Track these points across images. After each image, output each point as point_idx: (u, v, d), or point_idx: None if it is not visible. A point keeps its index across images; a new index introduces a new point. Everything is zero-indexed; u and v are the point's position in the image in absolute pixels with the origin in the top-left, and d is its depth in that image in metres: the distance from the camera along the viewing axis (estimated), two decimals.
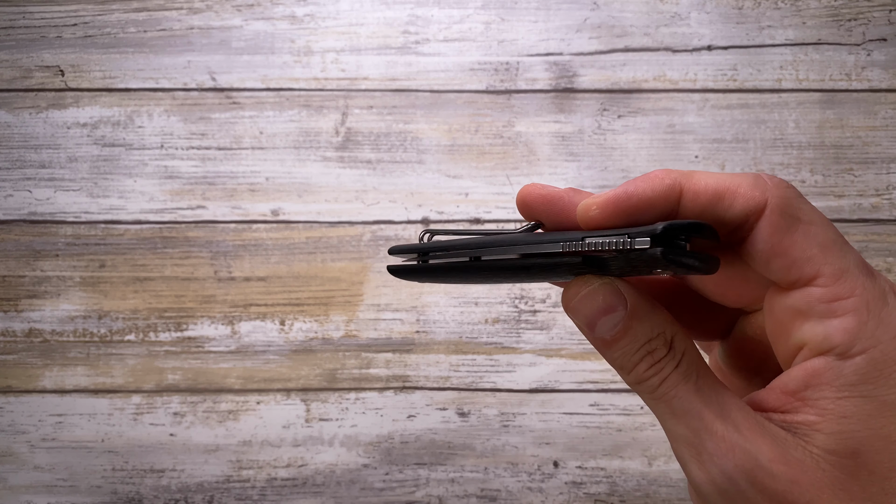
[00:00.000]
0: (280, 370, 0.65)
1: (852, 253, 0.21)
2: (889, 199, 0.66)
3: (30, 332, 0.66)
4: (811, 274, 0.21)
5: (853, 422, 0.20)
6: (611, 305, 0.22)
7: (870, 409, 0.20)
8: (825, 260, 0.21)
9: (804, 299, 0.21)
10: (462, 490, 0.64)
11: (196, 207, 0.66)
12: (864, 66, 0.67)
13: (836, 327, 0.20)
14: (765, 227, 0.21)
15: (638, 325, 0.22)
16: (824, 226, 0.21)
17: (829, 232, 0.21)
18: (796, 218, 0.21)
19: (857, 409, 0.20)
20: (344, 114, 0.67)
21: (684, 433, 0.21)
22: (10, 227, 0.66)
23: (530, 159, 0.67)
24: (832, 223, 0.22)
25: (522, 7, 0.68)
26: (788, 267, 0.21)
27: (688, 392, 0.21)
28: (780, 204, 0.21)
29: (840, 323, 0.20)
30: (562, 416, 0.65)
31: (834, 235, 0.21)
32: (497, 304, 0.66)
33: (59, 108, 0.67)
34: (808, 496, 0.20)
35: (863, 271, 0.21)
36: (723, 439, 0.20)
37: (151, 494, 0.65)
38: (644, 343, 0.22)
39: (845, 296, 0.21)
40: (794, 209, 0.21)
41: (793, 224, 0.21)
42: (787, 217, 0.21)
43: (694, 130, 0.67)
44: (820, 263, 0.21)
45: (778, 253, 0.21)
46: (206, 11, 0.68)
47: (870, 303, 0.20)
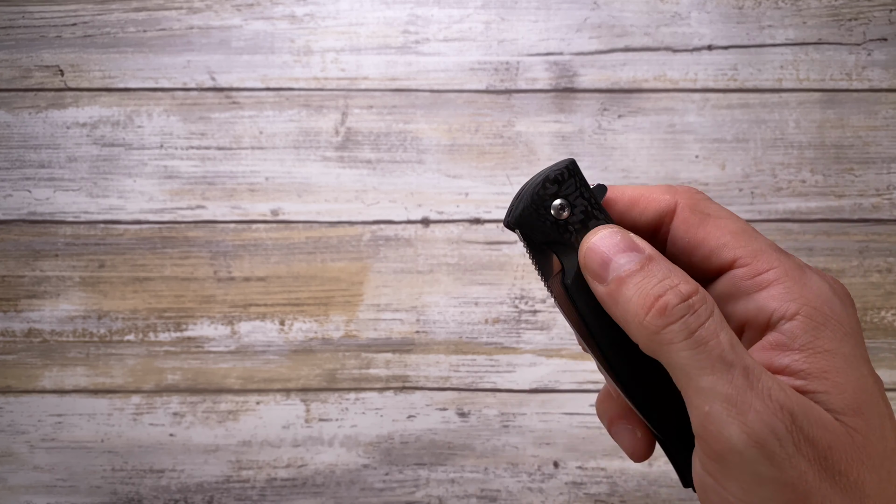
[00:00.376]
0: (280, 370, 0.65)
1: (762, 237, 0.23)
2: (889, 198, 0.66)
3: (29, 333, 0.66)
4: (730, 258, 0.22)
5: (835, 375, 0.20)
6: (630, 245, 0.22)
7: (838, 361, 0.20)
8: (738, 244, 0.22)
9: (730, 282, 0.22)
10: (462, 490, 0.64)
11: (196, 207, 0.66)
12: (864, 65, 0.67)
13: (766, 297, 0.21)
14: (679, 224, 0.23)
15: (657, 262, 0.21)
16: (732, 218, 0.23)
17: (737, 223, 0.23)
18: (705, 213, 0.23)
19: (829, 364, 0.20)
20: (344, 113, 0.67)
21: (725, 389, 0.19)
22: (9, 227, 0.66)
23: (530, 159, 0.67)
24: (735, 216, 0.23)
25: (522, 7, 0.68)
26: (708, 256, 0.23)
27: (728, 340, 0.20)
28: (689, 203, 0.23)
29: (768, 292, 0.21)
30: (562, 416, 0.65)
31: (743, 225, 0.23)
32: (497, 304, 0.66)
33: (59, 107, 0.67)
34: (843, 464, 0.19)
35: (776, 250, 0.22)
36: (770, 397, 0.19)
37: (151, 495, 0.65)
38: (664, 278, 0.21)
39: (765, 269, 0.22)
40: (702, 207, 0.23)
41: (703, 219, 0.23)
42: (696, 213, 0.23)
43: (694, 130, 0.67)
44: (735, 247, 0.22)
45: (695, 245, 0.23)
46: (205, 11, 0.68)
47: (789, 271, 0.21)
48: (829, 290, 0.21)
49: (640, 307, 0.21)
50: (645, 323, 0.21)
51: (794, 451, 0.19)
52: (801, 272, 0.22)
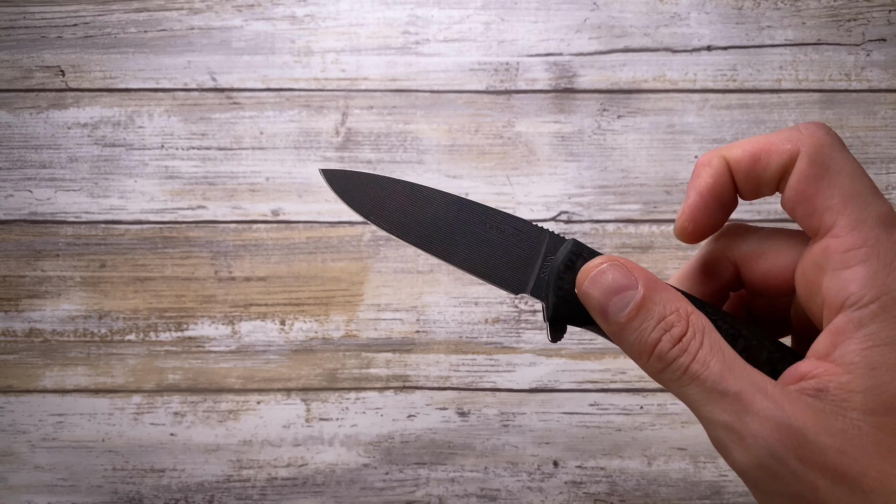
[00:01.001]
0: (280, 370, 0.65)
1: (876, 204, 0.21)
2: (889, 199, 0.67)
3: (30, 332, 0.66)
4: (829, 223, 0.21)
5: (882, 373, 0.20)
6: (621, 284, 0.22)
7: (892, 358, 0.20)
8: (843, 210, 0.21)
9: (822, 252, 0.21)
10: (462, 490, 0.64)
11: (196, 207, 0.66)
12: (863, 66, 0.67)
13: (848, 278, 0.20)
14: (794, 175, 0.22)
15: (651, 303, 0.22)
16: (852, 176, 0.21)
17: (855, 182, 0.21)
18: (825, 167, 0.21)
19: (883, 359, 0.20)
20: (344, 114, 0.67)
21: (723, 417, 0.20)
22: (10, 227, 0.66)
23: (530, 159, 0.67)
24: (866, 173, 0.21)
25: (522, 7, 0.68)
26: (810, 215, 0.21)
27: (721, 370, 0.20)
28: (810, 152, 0.21)
29: (852, 273, 0.20)
30: (562, 415, 0.65)
31: (861, 186, 0.21)
32: (497, 303, 0.66)
33: (60, 108, 0.67)
34: (859, 465, 0.19)
35: (882, 223, 0.20)
36: (767, 418, 0.19)
37: (152, 494, 0.65)
38: (659, 321, 0.21)
39: (857, 246, 0.20)
40: (824, 157, 0.21)
41: (821, 172, 0.21)
42: (815, 165, 0.21)
43: (694, 130, 0.67)
44: (837, 213, 0.21)
45: (802, 200, 0.21)
46: (206, 12, 0.68)
47: (881, 252, 0.20)
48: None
49: (640, 353, 0.22)
50: (647, 367, 0.22)
51: (797, 465, 0.19)
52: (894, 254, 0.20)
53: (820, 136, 0.22)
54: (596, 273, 0.22)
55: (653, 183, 0.67)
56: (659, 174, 0.67)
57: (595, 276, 0.22)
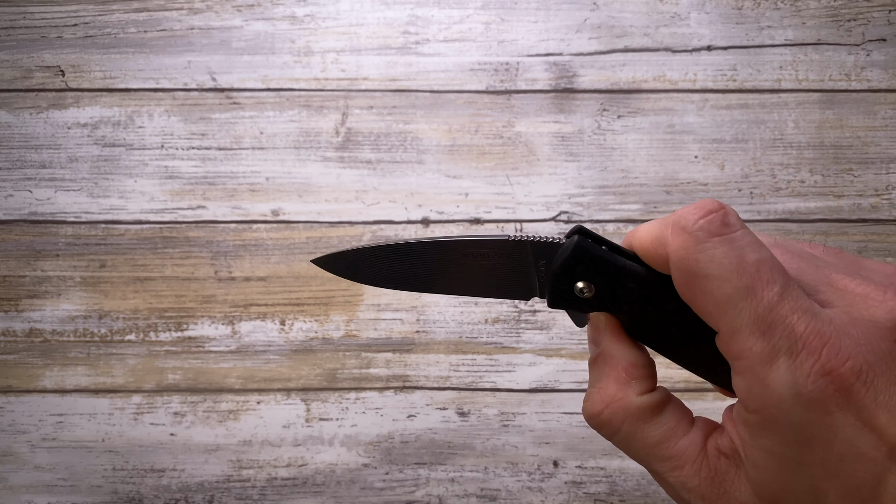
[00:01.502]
0: (280, 370, 0.65)
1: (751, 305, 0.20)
2: (888, 199, 0.67)
3: (30, 332, 0.66)
4: (714, 326, 0.22)
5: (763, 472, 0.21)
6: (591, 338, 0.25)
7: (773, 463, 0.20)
8: (720, 318, 0.21)
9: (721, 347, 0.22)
10: (462, 490, 0.64)
11: (196, 207, 0.66)
12: (863, 66, 0.67)
13: (735, 383, 0.21)
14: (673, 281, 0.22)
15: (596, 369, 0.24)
16: (720, 279, 0.21)
17: (724, 287, 0.21)
18: (693, 273, 0.21)
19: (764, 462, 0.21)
20: (344, 114, 0.67)
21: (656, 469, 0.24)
22: (10, 227, 0.66)
23: (530, 159, 0.67)
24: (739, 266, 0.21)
25: (522, 7, 0.68)
26: (700, 315, 0.22)
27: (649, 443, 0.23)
28: (675, 260, 0.22)
29: (737, 380, 0.21)
30: (561, 415, 0.65)
31: (730, 290, 0.21)
32: (497, 304, 0.66)
33: (60, 108, 0.67)
34: None
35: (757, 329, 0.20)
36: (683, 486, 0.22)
37: (152, 494, 0.65)
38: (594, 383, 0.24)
39: (736, 357, 0.21)
40: (690, 264, 0.21)
41: (690, 280, 0.21)
42: (684, 274, 0.22)
43: (693, 130, 0.67)
44: (716, 320, 0.21)
45: (689, 304, 0.22)
46: (206, 12, 0.68)
47: (755, 367, 0.20)
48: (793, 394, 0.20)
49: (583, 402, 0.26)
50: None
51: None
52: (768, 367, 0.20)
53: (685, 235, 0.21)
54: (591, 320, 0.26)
55: (653, 183, 0.67)
56: (659, 174, 0.67)
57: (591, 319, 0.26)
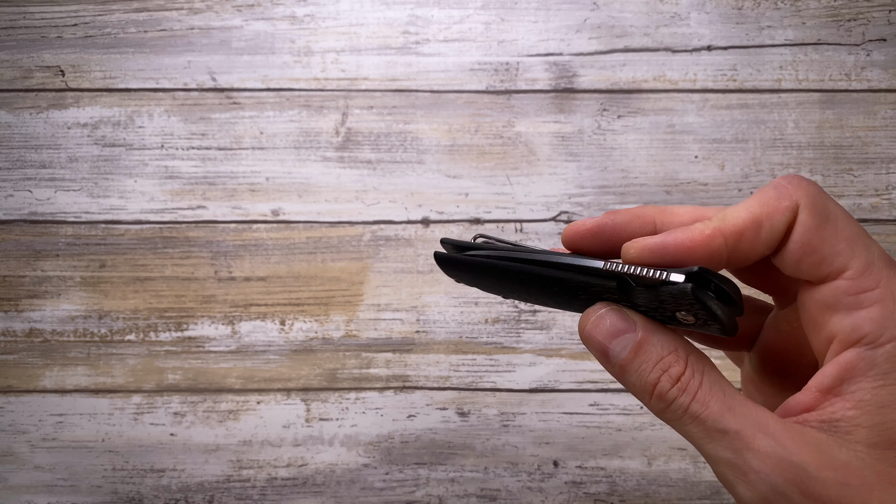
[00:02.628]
0: (280, 370, 0.65)
1: (875, 245, 0.22)
2: (888, 199, 0.67)
3: (30, 332, 0.66)
4: (840, 268, 0.21)
5: (892, 411, 0.20)
6: (620, 328, 0.23)
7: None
8: (852, 254, 0.21)
9: (832, 293, 0.22)
10: (462, 490, 0.64)
11: (196, 207, 0.66)
12: (863, 66, 0.67)
13: (863, 317, 0.21)
14: (799, 228, 0.22)
15: (648, 344, 0.22)
16: (848, 220, 0.22)
17: (853, 226, 0.22)
18: (825, 215, 0.22)
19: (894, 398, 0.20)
20: (344, 114, 0.67)
21: (725, 455, 0.21)
22: (10, 227, 0.66)
23: (530, 159, 0.67)
24: (852, 215, 0.22)
25: (522, 7, 0.68)
26: (818, 263, 0.22)
27: (721, 409, 0.21)
28: (810, 204, 0.22)
29: (867, 313, 0.21)
30: (561, 415, 0.65)
31: (858, 229, 0.22)
32: (497, 303, 0.66)
33: (60, 108, 0.67)
34: (861, 496, 0.20)
35: (886, 263, 0.21)
36: (767, 455, 0.20)
37: (152, 494, 0.65)
38: (658, 361, 0.22)
39: (870, 287, 0.21)
40: (822, 206, 0.22)
41: (822, 222, 0.22)
42: (817, 216, 0.22)
43: (693, 130, 0.67)
44: (847, 258, 0.21)
45: (808, 252, 0.22)
46: (206, 12, 0.68)
47: (895, 293, 0.21)
48: None
49: (641, 392, 0.23)
50: (650, 406, 0.23)
51: (801, 499, 0.20)
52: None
53: (811, 187, 0.22)
54: (596, 318, 0.23)
55: (653, 183, 0.67)
56: (659, 174, 0.67)
57: (595, 320, 0.23)
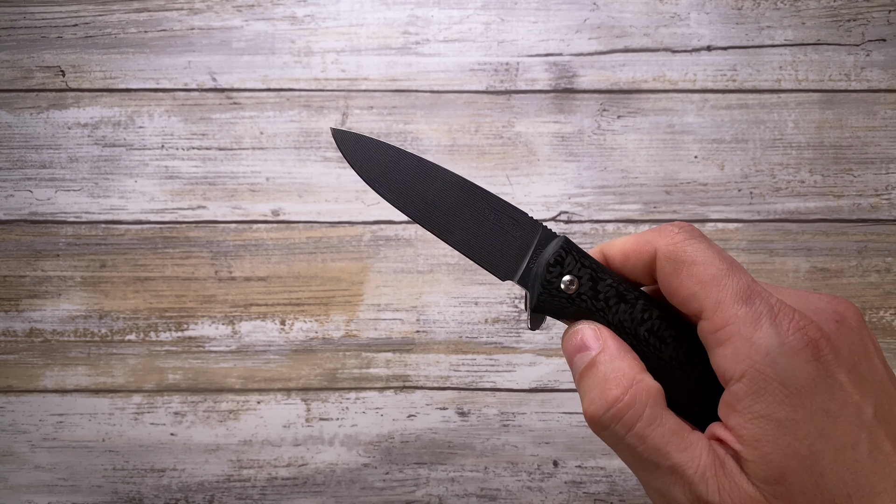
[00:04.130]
0: (280, 370, 0.66)
1: (733, 281, 0.23)
2: (888, 199, 0.67)
3: (31, 332, 0.66)
4: (697, 309, 0.23)
5: (765, 444, 0.21)
6: (583, 345, 0.25)
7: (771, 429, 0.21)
8: (705, 295, 0.23)
9: (701, 335, 0.23)
10: (462, 489, 0.65)
11: (197, 207, 0.67)
12: (863, 66, 0.67)
13: (720, 356, 0.22)
14: (658, 274, 0.24)
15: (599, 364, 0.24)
16: (704, 263, 0.23)
17: (708, 268, 0.23)
18: (680, 261, 0.23)
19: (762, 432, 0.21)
20: (344, 114, 0.67)
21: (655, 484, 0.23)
22: (10, 227, 0.67)
23: (530, 159, 0.67)
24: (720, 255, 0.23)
25: (522, 7, 0.68)
26: (682, 305, 0.24)
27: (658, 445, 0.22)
28: (665, 252, 0.24)
29: (722, 352, 0.22)
30: (561, 415, 0.65)
31: (714, 270, 0.23)
32: (497, 303, 0.66)
33: (60, 108, 0.67)
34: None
35: (739, 299, 0.22)
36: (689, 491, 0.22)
37: (152, 494, 0.65)
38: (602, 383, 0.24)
39: (721, 326, 0.22)
40: (677, 254, 0.24)
41: (677, 267, 0.23)
42: (671, 262, 0.24)
43: (693, 131, 0.67)
44: (701, 299, 0.23)
45: (670, 293, 0.24)
46: (206, 12, 0.68)
47: (741, 329, 0.22)
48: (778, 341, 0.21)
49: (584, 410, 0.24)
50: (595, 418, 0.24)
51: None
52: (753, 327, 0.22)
53: (672, 235, 0.24)
54: (572, 331, 0.25)
55: (652, 183, 0.67)
56: (659, 174, 0.67)
57: (570, 333, 0.25)
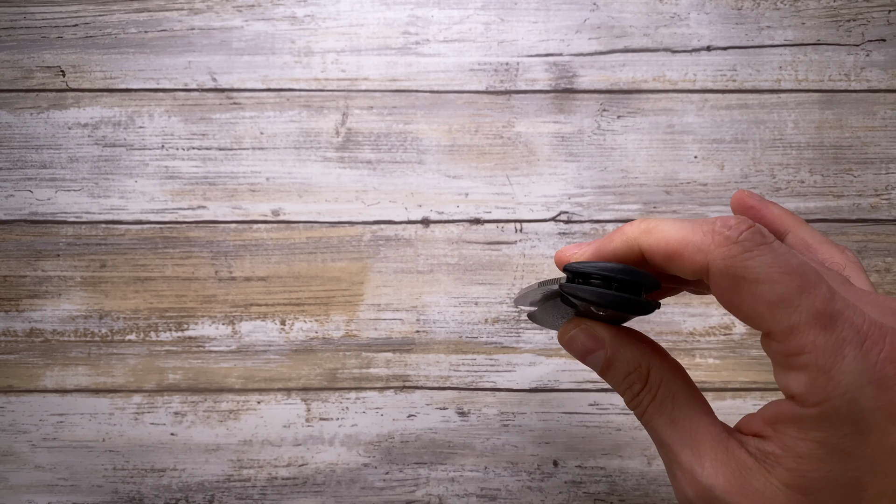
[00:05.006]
0: (280, 370, 0.66)
1: (806, 304, 0.21)
2: (888, 199, 0.67)
3: (31, 332, 0.66)
4: (765, 329, 0.22)
5: (807, 462, 0.22)
6: (590, 347, 0.26)
7: (821, 453, 0.22)
8: (773, 318, 0.21)
9: (767, 347, 0.23)
10: (462, 489, 0.65)
11: (197, 207, 0.67)
12: (863, 66, 0.67)
13: (793, 380, 0.22)
14: (712, 287, 0.23)
15: (616, 362, 0.26)
16: (771, 282, 0.21)
17: (776, 288, 0.21)
18: (740, 278, 0.22)
19: (811, 452, 0.22)
20: (344, 114, 0.67)
21: (663, 459, 0.25)
22: (10, 227, 0.67)
23: (530, 159, 0.67)
24: (789, 269, 0.21)
25: (522, 8, 0.68)
26: (744, 321, 0.22)
27: (662, 424, 0.24)
28: (721, 267, 0.22)
29: (795, 377, 0.22)
30: (561, 415, 0.65)
31: (783, 290, 0.21)
32: (497, 303, 0.66)
33: (60, 108, 0.67)
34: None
35: (818, 324, 0.21)
36: (686, 470, 0.23)
37: (152, 494, 0.65)
38: (624, 377, 0.25)
39: (796, 353, 0.21)
40: (736, 269, 0.22)
41: (737, 284, 0.22)
42: (729, 279, 0.22)
43: (693, 131, 0.67)
44: (769, 322, 0.22)
45: (731, 309, 0.22)
46: (206, 12, 0.68)
47: (819, 360, 0.21)
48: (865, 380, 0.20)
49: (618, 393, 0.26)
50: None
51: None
52: (834, 359, 0.20)
53: (728, 245, 0.22)
54: (568, 338, 0.27)
55: (652, 183, 0.67)
56: (659, 174, 0.67)
57: (568, 340, 0.27)
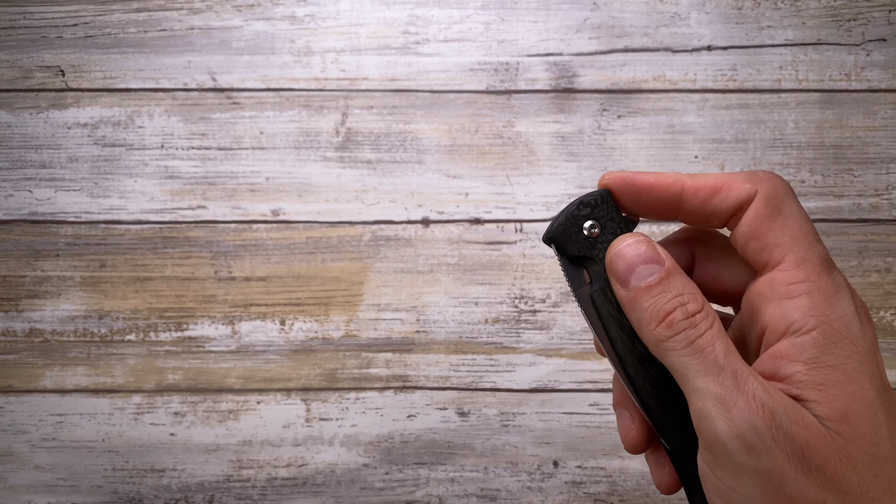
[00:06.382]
0: (280, 370, 0.65)
1: (819, 248, 0.24)
2: (888, 199, 0.67)
3: (30, 332, 0.66)
4: (777, 259, 0.23)
5: (831, 388, 0.22)
6: (652, 256, 0.24)
7: (838, 375, 0.22)
8: (792, 248, 0.23)
9: (768, 283, 0.24)
10: (462, 490, 0.64)
11: (196, 207, 0.66)
12: (863, 66, 0.67)
13: (791, 307, 0.23)
14: (750, 213, 0.24)
15: (674, 277, 0.24)
16: (800, 220, 0.24)
17: (803, 226, 0.24)
18: (778, 209, 0.24)
19: (828, 377, 0.22)
20: (344, 114, 0.67)
21: (716, 389, 0.22)
22: (10, 227, 0.66)
23: (530, 159, 0.67)
24: (810, 220, 0.24)
25: (522, 7, 0.68)
26: (761, 250, 0.24)
27: (723, 349, 0.23)
28: (767, 195, 0.24)
29: (795, 303, 0.23)
30: (561, 415, 0.65)
31: (807, 230, 0.24)
32: (497, 303, 0.66)
33: (60, 108, 0.67)
34: (819, 459, 0.21)
35: (823, 265, 0.23)
36: (754, 398, 0.22)
37: (152, 494, 0.65)
38: (678, 294, 0.24)
39: (801, 280, 0.23)
40: (778, 201, 0.24)
41: (773, 213, 0.24)
42: (770, 206, 0.24)
43: (693, 130, 0.67)
44: (786, 251, 0.23)
45: (755, 236, 0.24)
46: (206, 12, 0.68)
47: (822, 287, 0.23)
48: (854, 311, 0.23)
49: (652, 318, 0.24)
50: (655, 332, 0.24)
51: (771, 444, 0.21)
52: (833, 291, 0.23)
53: (776, 181, 0.24)
54: (634, 242, 0.25)
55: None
56: None
57: (633, 243, 0.25)
